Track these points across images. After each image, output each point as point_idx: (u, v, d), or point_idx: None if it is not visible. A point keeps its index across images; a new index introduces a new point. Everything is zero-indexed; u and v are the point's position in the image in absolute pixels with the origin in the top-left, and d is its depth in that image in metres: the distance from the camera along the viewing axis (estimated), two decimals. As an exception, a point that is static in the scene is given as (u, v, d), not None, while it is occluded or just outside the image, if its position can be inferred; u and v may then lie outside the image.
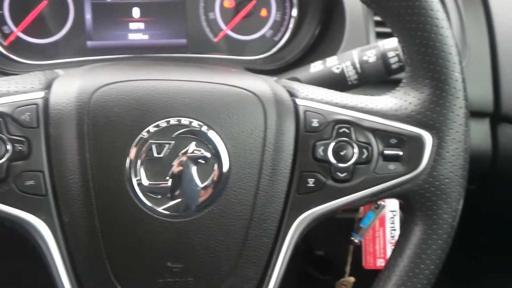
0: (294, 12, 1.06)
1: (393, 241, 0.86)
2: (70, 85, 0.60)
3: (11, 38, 1.01)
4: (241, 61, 1.06)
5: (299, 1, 1.06)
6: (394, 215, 0.85)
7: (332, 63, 0.80)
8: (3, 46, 1.01)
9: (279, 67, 1.02)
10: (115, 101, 0.59)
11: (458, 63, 0.61)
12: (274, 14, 1.07)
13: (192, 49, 1.06)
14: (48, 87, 0.61)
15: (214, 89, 0.61)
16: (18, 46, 1.01)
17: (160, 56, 1.04)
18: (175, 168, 0.59)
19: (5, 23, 1.01)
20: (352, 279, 0.91)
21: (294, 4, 1.06)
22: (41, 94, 0.59)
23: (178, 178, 0.59)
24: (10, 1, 1.00)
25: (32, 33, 1.02)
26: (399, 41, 0.63)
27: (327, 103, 0.63)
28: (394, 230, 0.85)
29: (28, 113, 0.58)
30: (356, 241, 0.82)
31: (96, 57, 1.03)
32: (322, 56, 0.86)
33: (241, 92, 0.62)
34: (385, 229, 0.85)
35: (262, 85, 0.63)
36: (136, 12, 1.04)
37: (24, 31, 1.01)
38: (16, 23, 1.01)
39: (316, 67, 0.82)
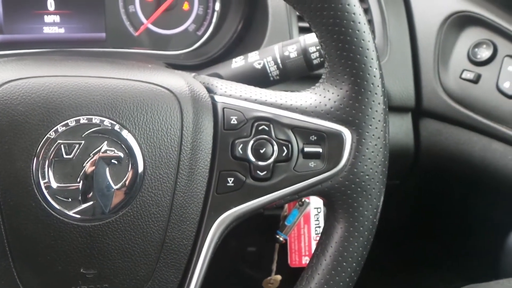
0: (217, 6, 1.04)
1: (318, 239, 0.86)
2: None
3: None
4: (163, 56, 1.03)
5: None
6: (319, 212, 0.84)
7: (254, 59, 0.79)
8: None
9: (202, 62, 1.00)
10: (19, 99, 0.55)
11: (376, 59, 0.61)
12: (196, 8, 1.05)
13: (111, 44, 1.02)
14: None
15: (127, 86, 0.58)
16: None
17: (77, 50, 1.00)
18: (87, 169, 0.56)
19: None
20: (278, 277, 0.90)
21: None
22: None
23: (89, 180, 0.56)
24: None
25: None
26: (318, 37, 0.62)
27: (246, 99, 0.61)
28: (319, 227, 0.85)
29: None
30: (281, 239, 0.81)
31: (8, 52, 0.97)
32: (246, 51, 0.85)
33: (156, 89, 0.59)
34: (310, 226, 0.84)
35: (178, 81, 0.61)
36: (51, 4, 0.99)
37: None
38: None
39: (237, 62, 0.80)
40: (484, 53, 0.95)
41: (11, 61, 0.63)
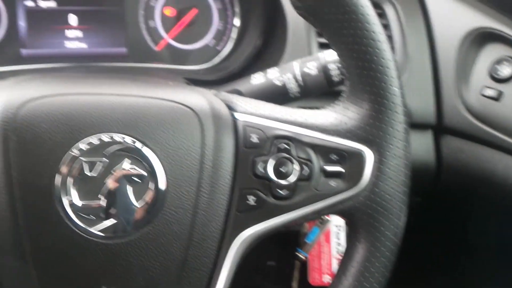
0: (237, 22, 1.05)
1: (339, 257, 0.85)
2: None
3: None
4: (183, 71, 1.04)
5: (241, 11, 1.04)
6: (340, 230, 0.84)
7: (273, 75, 0.79)
8: None
9: (222, 77, 1.00)
10: (43, 117, 0.56)
11: (397, 77, 0.61)
12: (216, 23, 1.05)
13: (132, 58, 1.03)
14: None
15: (148, 104, 0.59)
16: None
17: (98, 65, 1.01)
18: (109, 186, 0.56)
19: None
20: (299, 295, 0.90)
21: (236, 13, 1.04)
22: None
23: (112, 197, 0.56)
24: None
25: None
26: (338, 55, 0.62)
27: (266, 117, 0.61)
28: (340, 245, 0.84)
29: None
30: (302, 256, 0.81)
31: (31, 66, 0.99)
32: (266, 66, 0.85)
33: (177, 107, 0.59)
34: (330, 245, 0.84)
35: (199, 98, 0.61)
36: (73, 19, 1.00)
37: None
38: None
39: (257, 78, 0.80)
40: (505, 70, 0.94)
41: (34, 78, 0.64)
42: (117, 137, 0.56)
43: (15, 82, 0.62)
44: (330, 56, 0.77)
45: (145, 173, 0.57)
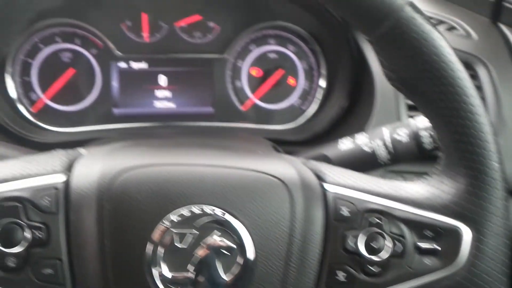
0: (322, 83, 1.05)
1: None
2: (92, 168, 0.58)
3: (39, 105, 1.02)
4: (268, 130, 1.04)
5: (327, 72, 1.04)
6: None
7: (362, 141, 0.78)
8: (31, 113, 1.01)
9: (306, 138, 1.00)
10: (137, 187, 0.57)
11: (496, 151, 0.58)
12: (302, 84, 1.06)
13: (218, 118, 1.05)
14: (69, 168, 0.59)
15: (238, 175, 0.59)
16: (45, 113, 1.02)
17: (186, 125, 1.03)
18: (198, 258, 0.56)
19: (33, 90, 1.01)
20: None
21: (322, 74, 1.05)
22: (62, 177, 0.58)
23: (201, 270, 0.56)
24: (39, 69, 1.01)
25: (60, 101, 1.02)
26: (433, 127, 0.60)
27: (357, 189, 0.60)
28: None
29: (48, 198, 0.56)
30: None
31: (122, 125, 1.02)
32: (352, 128, 0.84)
33: (266, 177, 0.59)
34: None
35: (288, 168, 0.61)
36: (163, 80, 1.04)
37: (52, 99, 1.02)
38: (44, 90, 1.01)
39: (345, 144, 0.79)
40: None
41: (128, 146, 0.65)
42: (207, 209, 0.56)
43: (110, 150, 0.64)
44: (422, 123, 0.75)
45: (234, 246, 0.56)
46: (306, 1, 0.98)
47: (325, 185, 0.60)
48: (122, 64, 1.03)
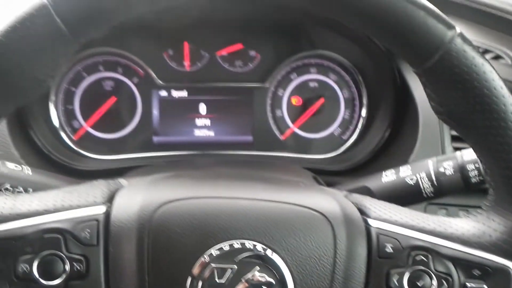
0: (364, 112, 1.03)
1: None
2: (132, 200, 0.58)
3: (80, 132, 1.03)
4: (307, 160, 1.03)
5: (369, 101, 1.03)
6: None
7: (406, 174, 0.76)
8: (72, 141, 1.02)
9: (347, 168, 0.98)
10: (177, 220, 0.56)
11: None
12: (342, 113, 1.04)
13: (258, 147, 1.04)
14: (110, 200, 0.59)
15: (279, 209, 0.58)
16: (86, 141, 1.03)
17: (225, 154, 1.02)
18: None
19: (75, 118, 1.03)
20: None
21: (363, 103, 1.03)
22: (103, 208, 0.58)
23: None
24: (81, 97, 1.02)
25: (101, 128, 1.03)
26: (481, 162, 0.58)
27: (402, 225, 0.58)
28: None
29: (88, 230, 0.56)
30: None
31: (162, 153, 1.02)
32: (393, 159, 0.82)
33: (309, 212, 0.58)
34: None
35: (331, 203, 0.59)
36: (202, 108, 1.04)
37: (93, 126, 1.03)
38: (86, 118, 1.02)
39: (388, 176, 0.77)
40: None
41: (170, 178, 0.65)
42: (248, 244, 0.55)
43: (150, 182, 0.64)
44: (469, 156, 0.73)
45: (273, 282, 0.55)
46: (349, 31, 0.97)
47: (369, 220, 0.59)
48: (163, 93, 1.03)
